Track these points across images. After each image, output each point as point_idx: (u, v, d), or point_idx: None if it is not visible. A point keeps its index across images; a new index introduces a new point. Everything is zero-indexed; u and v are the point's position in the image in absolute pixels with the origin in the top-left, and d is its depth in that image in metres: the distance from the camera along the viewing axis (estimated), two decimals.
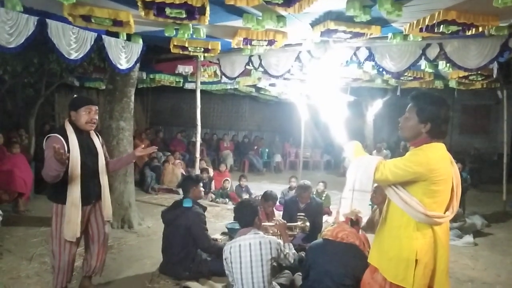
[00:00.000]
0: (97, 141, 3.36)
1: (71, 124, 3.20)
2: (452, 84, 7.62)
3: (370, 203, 4.48)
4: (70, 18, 4.12)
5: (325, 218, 6.17)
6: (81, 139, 3.17)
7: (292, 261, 3.34)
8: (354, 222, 3.35)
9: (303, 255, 3.76)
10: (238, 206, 3.39)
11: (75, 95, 3.66)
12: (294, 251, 3.54)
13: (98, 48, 4.98)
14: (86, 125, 3.20)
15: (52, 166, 2.88)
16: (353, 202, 2.13)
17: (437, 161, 2.08)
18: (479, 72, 6.12)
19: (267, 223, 4.17)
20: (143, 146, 3.69)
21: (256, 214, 3.23)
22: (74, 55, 4.57)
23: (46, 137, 3.14)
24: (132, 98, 5.87)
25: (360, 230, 3.59)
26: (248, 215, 3.20)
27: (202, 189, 4.21)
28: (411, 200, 2.07)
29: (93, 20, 4.13)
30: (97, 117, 3.27)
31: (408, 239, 2.09)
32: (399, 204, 2.12)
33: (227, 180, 8.09)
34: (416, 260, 2.05)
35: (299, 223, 4.32)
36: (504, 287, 4.09)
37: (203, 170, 8.18)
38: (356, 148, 2.31)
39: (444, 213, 2.12)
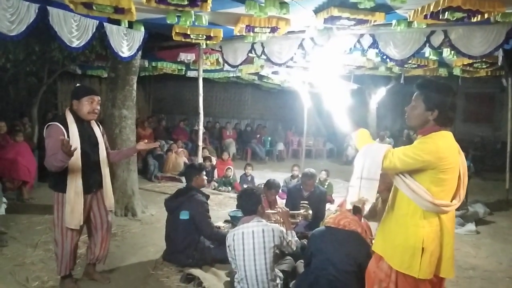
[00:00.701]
0: (98, 131, 3.36)
1: (72, 113, 3.20)
2: (457, 71, 7.55)
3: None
4: (71, 6, 4.09)
5: (327, 206, 6.19)
6: (81, 128, 3.17)
7: (294, 249, 3.36)
8: (356, 209, 3.35)
9: (305, 242, 3.78)
10: (241, 194, 3.40)
11: (77, 84, 3.65)
12: (297, 238, 3.57)
13: (100, 36, 4.96)
14: (88, 115, 3.20)
15: (58, 157, 2.89)
16: (360, 190, 2.11)
17: (446, 149, 2.08)
18: (483, 59, 6.07)
19: (269, 211, 4.19)
20: (146, 141, 3.69)
21: (259, 202, 3.25)
22: (75, 43, 4.55)
23: (46, 126, 3.14)
24: (135, 86, 5.85)
25: (362, 218, 3.61)
26: (251, 203, 3.22)
27: (205, 177, 4.22)
28: (419, 188, 2.07)
29: (94, 8, 4.09)
30: (99, 107, 3.27)
31: (414, 227, 2.09)
32: (406, 192, 2.11)
33: (229, 168, 8.09)
34: (423, 248, 2.06)
35: (301, 211, 4.34)
36: (506, 275, 4.10)
37: (205, 158, 8.19)
38: (363, 135, 2.28)
39: (451, 201, 2.13)
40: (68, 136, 3.03)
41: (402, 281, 2.14)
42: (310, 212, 4.30)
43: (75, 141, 3.06)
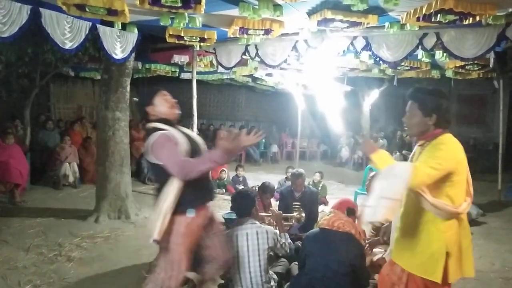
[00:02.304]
0: (192, 133, 2.88)
1: (157, 121, 2.64)
2: (449, 73, 7.62)
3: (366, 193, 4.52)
4: (64, 7, 4.06)
5: (321, 208, 6.20)
6: (184, 136, 2.60)
7: (288, 251, 3.37)
8: (350, 211, 3.37)
9: (299, 244, 3.78)
10: (236, 196, 3.40)
11: (134, 98, 3.23)
12: (290, 241, 3.57)
13: (93, 38, 4.93)
14: (171, 111, 2.71)
15: (214, 157, 2.34)
16: (381, 209, 2.03)
17: (459, 151, 2.15)
18: (475, 61, 6.11)
19: (263, 213, 4.19)
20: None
21: (253, 204, 3.25)
22: (68, 45, 4.52)
23: (148, 146, 2.52)
24: (128, 88, 5.83)
25: (356, 220, 3.62)
26: (245, 205, 3.21)
27: None
28: (439, 203, 2.09)
29: (87, 9, 4.07)
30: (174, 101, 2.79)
31: (437, 233, 2.11)
32: (430, 209, 2.12)
33: (223, 170, 8.08)
34: (447, 253, 2.08)
35: (295, 213, 4.34)
36: (499, 275, 4.13)
37: None
38: (384, 157, 2.23)
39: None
40: (178, 143, 2.49)
41: (412, 284, 2.16)
42: (303, 214, 4.31)
43: (187, 150, 2.51)
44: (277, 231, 3.33)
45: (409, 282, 2.17)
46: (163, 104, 2.69)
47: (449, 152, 2.10)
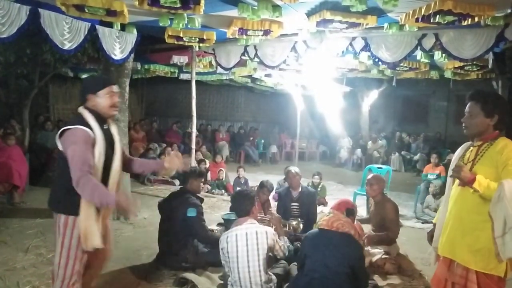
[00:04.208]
0: (116, 133, 2.71)
1: (89, 111, 2.51)
2: (448, 74, 7.62)
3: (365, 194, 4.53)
4: (63, 8, 4.06)
5: (320, 208, 6.20)
6: (104, 132, 2.52)
7: (286, 254, 3.37)
8: (349, 212, 3.37)
9: (298, 245, 3.78)
10: (236, 195, 3.40)
11: (88, 76, 3.21)
12: (289, 244, 3.57)
13: (92, 38, 4.94)
14: (110, 110, 2.58)
15: (105, 199, 2.34)
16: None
17: None
18: (474, 62, 6.12)
19: (263, 216, 4.18)
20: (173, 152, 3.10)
21: (253, 204, 3.25)
22: (67, 46, 4.52)
23: (63, 129, 2.43)
24: (127, 88, 5.83)
25: (355, 220, 3.62)
26: (245, 205, 3.22)
27: (201, 184, 4.20)
28: None
29: (86, 10, 4.08)
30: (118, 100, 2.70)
31: None
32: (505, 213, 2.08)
33: (221, 170, 8.09)
34: None
35: (293, 222, 4.37)
36: None
37: (200, 161, 8.18)
38: (484, 181, 2.17)
39: None
40: (95, 142, 2.43)
41: (484, 281, 2.21)
42: (301, 225, 4.35)
43: (101, 149, 2.46)
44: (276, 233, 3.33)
45: (480, 280, 2.21)
46: (106, 99, 2.54)
47: None
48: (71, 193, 2.35)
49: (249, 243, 3.01)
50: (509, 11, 4.36)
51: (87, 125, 2.44)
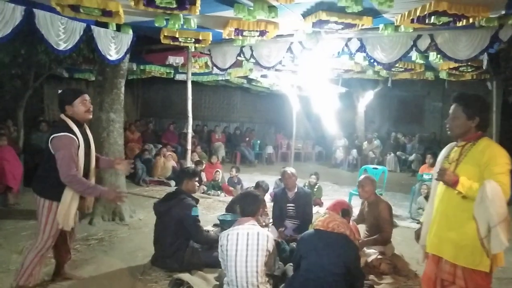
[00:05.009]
0: (90, 134, 3.35)
1: (70, 118, 3.13)
2: (443, 75, 7.67)
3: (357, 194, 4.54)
4: (58, 8, 4.04)
5: (316, 209, 6.21)
6: (82, 133, 3.16)
7: (275, 270, 3.35)
8: (345, 212, 3.38)
9: (294, 246, 3.78)
10: (246, 195, 3.44)
11: (60, 91, 3.63)
12: (281, 263, 3.56)
13: (87, 39, 4.91)
14: (85, 115, 3.19)
15: (93, 191, 3.12)
16: (502, 235, 2.12)
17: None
18: (469, 63, 6.15)
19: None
20: (121, 160, 3.66)
21: (259, 207, 3.31)
22: (62, 46, 4.50)
23: (53, 136, 3.03)
24: (122, 89, 5.80)
25: (351, 221, 3.63)
26: (253, 206, 3.25)
27: (197, 183, 4.20)
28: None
29: (81, 10, 4.06)
30: (91, 105, 3.28)
31: None
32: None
33: (217, 171, 8.08)
34: None
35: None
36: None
37: (197, 162, 8.17)
38: (467, 184, 2.25)
39: None
40: (79, 145, 3.08)
41: (470, 276, 2.27)
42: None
43: (82, 150, 3.11)
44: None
45: (466, 276, 2.28)
46: (80, 107, 3.14)
47: (504, 154, 2.28)
48: (58, 185, 3.02)
49: (249, 243, 3.01)
50: (503, 12, 4.38)
51: (71, 130, 3.07)
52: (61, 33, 4.44)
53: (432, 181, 2.64)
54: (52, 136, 3.03)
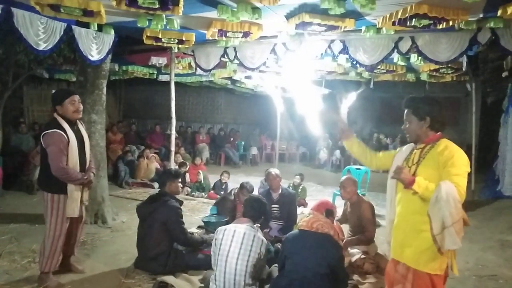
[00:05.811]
0: (83, 130, 3.63)
1: (61, 117, 3.41)
2: (424, 77, 7.80)
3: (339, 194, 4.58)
4: (37, 7, 3.96)
5: (301, 209, 6.23)
6: (73, 131, 3.44)
7: (260, 274, 3.33)
8: (329, 213, 3.40)
9: (279, 246, 3.79)
10: (255, 200, 3.45)
11: (53, 91, 3.67)
12: (266, 265, 3.53)
13: (68, 39, 4.82)
14: (74, 115, 3.46)
15: (77, 177, 3.41)
16: (456, 234, 2.16)
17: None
18: (449, 65, 6.28)
19: None
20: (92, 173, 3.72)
21: (263, 213, 3.38)
22: (42, 46, 4.41)
23: (43, 133, 3.33)
24: (104, 90, 5.72)
25: (334, 221, 3.66)
26: (258, 212, 3.32)
27: (180, 185, 4.17)
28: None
29: (62, 10, 3.99)
30: (81, 106, 3.55)
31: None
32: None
33: (199, 172, 8.05)
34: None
35: None
36: (472, 273, 4.24)
37: (181, 164, 8.11)
38: (424, 184, 2.25)
39: None
40: (68, 141, 3.35)
41: (419, 281, 2.30)
42: None
43: (74, 146, 3.40)
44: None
45: (415, 279, 2.31)
46: (69, 107, 3.42)
47: (463, 156, 2.29)
48: (57, 179, 3.33)
49: (244, 242, 3.03)
50: (481, 15, 4.49)
51: (61, 127, 3.35)
52: (41, 33, 4.35)
53: (388, 182, 2.61)
54: (43, 133, 3.35)
